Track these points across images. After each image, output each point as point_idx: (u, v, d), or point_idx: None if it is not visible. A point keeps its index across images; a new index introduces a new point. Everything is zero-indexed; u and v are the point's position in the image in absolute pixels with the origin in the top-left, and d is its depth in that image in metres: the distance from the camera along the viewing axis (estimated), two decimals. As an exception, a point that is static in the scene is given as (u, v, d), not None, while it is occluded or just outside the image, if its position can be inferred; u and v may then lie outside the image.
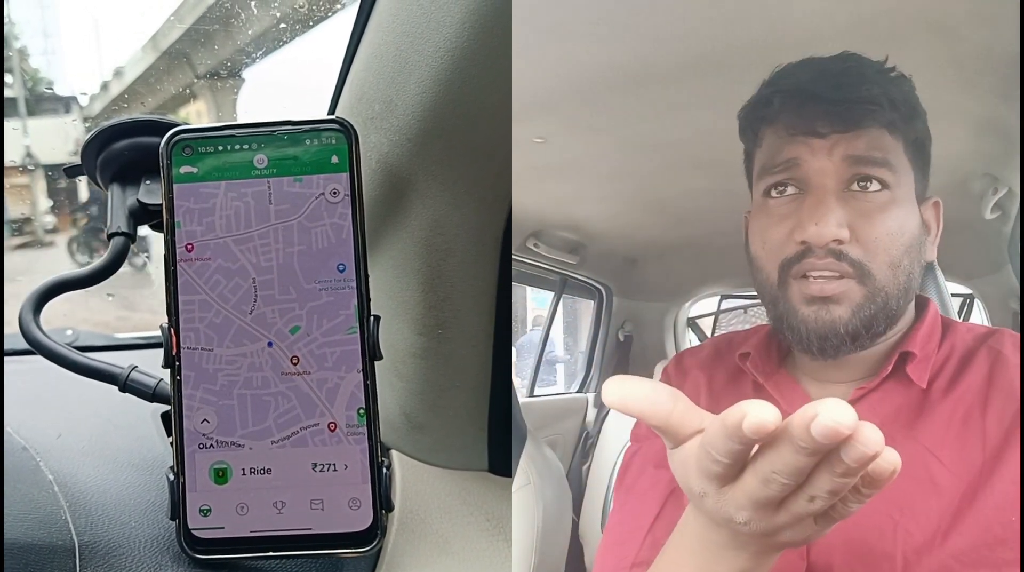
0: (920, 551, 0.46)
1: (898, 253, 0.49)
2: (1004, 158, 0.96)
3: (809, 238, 0.49)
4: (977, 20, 0.67)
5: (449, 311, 0.55)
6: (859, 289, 0.49)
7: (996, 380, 0.49)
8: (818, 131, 0.50)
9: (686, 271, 1.64)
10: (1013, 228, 1.08)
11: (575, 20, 0.69)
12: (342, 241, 0.47)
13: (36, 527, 0.49)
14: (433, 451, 0.60)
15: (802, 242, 0.49)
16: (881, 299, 0.49)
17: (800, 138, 0.50)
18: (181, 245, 0.47)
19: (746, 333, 0.61)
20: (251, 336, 0.47)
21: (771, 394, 0.54)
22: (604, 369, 1.79)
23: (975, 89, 0.79)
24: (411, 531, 0.54)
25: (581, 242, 1.48)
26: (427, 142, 0.51)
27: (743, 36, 0.69)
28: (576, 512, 1.35)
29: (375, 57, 0.53)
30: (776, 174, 0.51)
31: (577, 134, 0.96)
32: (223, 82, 1.93)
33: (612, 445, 1.40)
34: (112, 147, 0.54)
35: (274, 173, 0.47)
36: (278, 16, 1.09)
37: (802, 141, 0.50)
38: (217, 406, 0.47)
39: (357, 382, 0.47)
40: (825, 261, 0.49)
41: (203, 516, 0.46)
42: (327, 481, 0.47)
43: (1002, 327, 0.53)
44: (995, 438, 0.47)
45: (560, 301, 1.70)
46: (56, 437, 0.60)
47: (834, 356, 0.50)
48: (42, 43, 5.29)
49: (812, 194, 0.50)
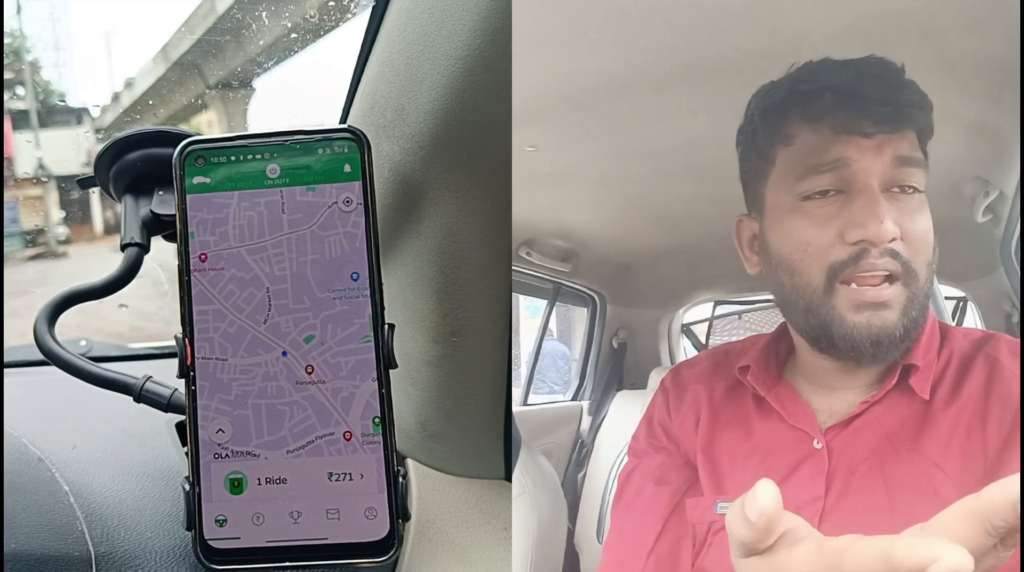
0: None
1: (931, 253, 0.50)
2: (995, 161, 0.97)
3: (869, 237, 0.48)
4: (967, 25, 0.68)
5: (464, 318, 0.55)
6: (904, 291, 0.49)
7: (994, 388, 0.49)
8: (865, 131, 0.49)
9: (679, 277, 1.63)
10: (1006, 231, 1.09)
11: (566, 29, 0.69)
12: (355, 250, 0.47)
13: (52, 538, 0.49)
14: (449, 460, 0.60)
15: (857, 242, 0.48)
16: (922, 298, 0.49)
17: (847, 137, 0.49)
18: (195, 255, 0.47)
19: (743, 344, 0.60)
20: (265, 346, 0.47)
21: (772, 406, 0.54)
22: (598, 377, 1.78)
23: (966, 93, 0.79)
24: (428, 540, 0.54)
25: (574, 250, 1.48)
26: (439, 149, 0.51)
27: (734, 44, 0.69)
28: (572, 521, 1.35)
29: (387, 65, 0.53)
30: (822, 174, 0.50)
31: (569, 142, 0.96)
32: (234, 92, 1.93)
33: (607, 454, 1.41)
34: (125, 158, 0.54)
35: (287, 183, 0.47)
36: (289, 26, 1.10)
37: (850, 140, 0.49)
38: (232, 416, 0.47)
39: (372, 391, 0.47)
40: (883, 261, 0.48)
41: (219, 526, 0.46)
42: (343, 490, 0.46)
43: (997, 332, 0.53)
44: (995, 447, 0.47)
45: (553, 309, 1.70)
46: (71, 448, 0.60)
47: (884, 361, 0.50)
48: (54, 56, 5.34)
49: (861, 194, 0.49)
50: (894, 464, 0.48)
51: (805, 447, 0.51)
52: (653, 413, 0.62)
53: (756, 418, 0.55)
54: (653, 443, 0.60)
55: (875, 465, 0.49)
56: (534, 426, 1.59)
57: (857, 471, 0.49)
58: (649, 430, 0.61)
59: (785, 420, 0.53)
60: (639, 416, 0.64)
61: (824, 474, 0.50)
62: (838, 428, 0.51)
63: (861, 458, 0.50)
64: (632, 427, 0.63)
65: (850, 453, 0.50)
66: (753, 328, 1.66)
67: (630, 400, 1.47)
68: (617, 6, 0.66)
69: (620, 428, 1.42)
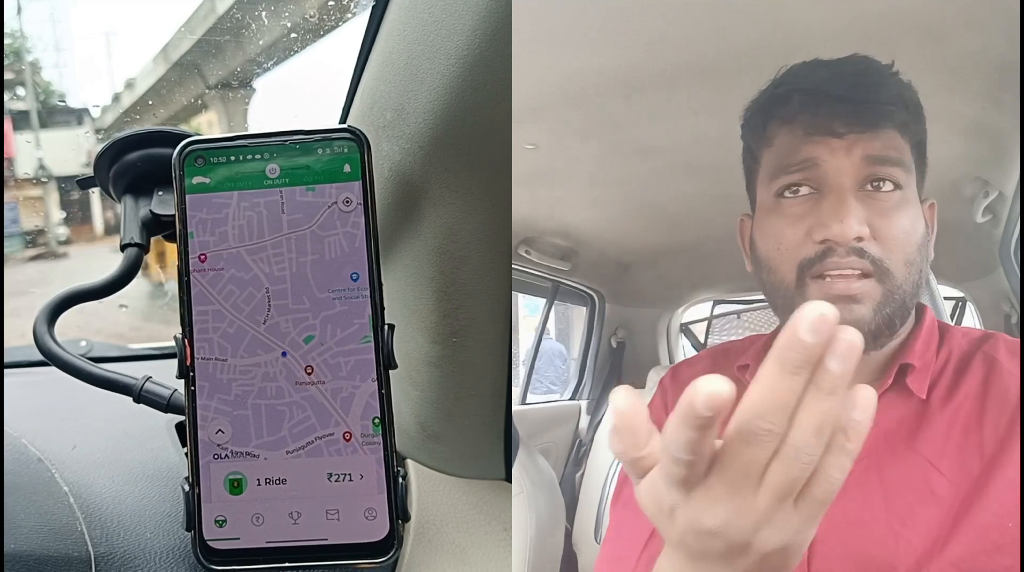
0: (920, 561, 0.46)
1: (912, 251, 0.50)
2: (995, 162, 0.97)
3: (832, 236, 0.49)
4: (968, 24, 0.68)
5: (464, 319, 0.55)
6: (879, 287, 0.49)
7: (991, 387, 0.49)
8: (836, 131, 0.50)
9: (679, 276, 1.63)
10: (1006, 232, 1.09)
11: (566, 26, 0.69)
12: (355, 250, 0.47)
13: (52, 539, 0.49)
14: (449, 460, 0.60)
15: (823, 241, 0.49)
16: (899, 297, 0.49)
17: (818, 138, 0.50)
18: (194, 255, 0.47)
19: (742, 343, 0.61)
20: (265, 346, 0.47)
21: None
22: (597, 376, 1.78)
23: (966, 93, 0.79)
24: (428, 541, 0.54)
25: (573, 248, 1.48)
26: (439, 149, 0.51)
27: (735, 42, 0.70)
28: (569, 520, 1.35)
29: (386, 65, 0.53)
30: (793, 174, 0.51)
31: (568, 140, 0.96)
32: (234, 92, 1.93)
33: (605, 453, 1.40)
34: (125, 159, 0.54)
35: (286, 183, 0.47)
36: (288, 26, 1.10)
37: (820, 141, 0.50)
38: (232, 416, 0.47)
39: (372, 391, 0.47)
40: (848, 259, 0.49)
41: (218, 527, 0.46)
42: (343, 491, 0.46)
43: (995, 331, 0.54)
44: (992, 446, 0.47)
45: (552, 308, 1.70)
46: (71, 448, 0.60)
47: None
48: (54, 56, 5.34)
49: (831, 193, 0.50)
50: (891, 463, 0.49)
51: None
52: (651, 412, 0.62)
53: None
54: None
55: (872, 464, 0.49)
56: (532, 425, 1.58)
57: (854, 470, 0.49)
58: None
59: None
60: (638, 415, 0.64)
61: None
62: None
63: (858, 457, 0.50)
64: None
65: None
66: (752, 327, 1.65)
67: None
68: (617, 4, 0.66)
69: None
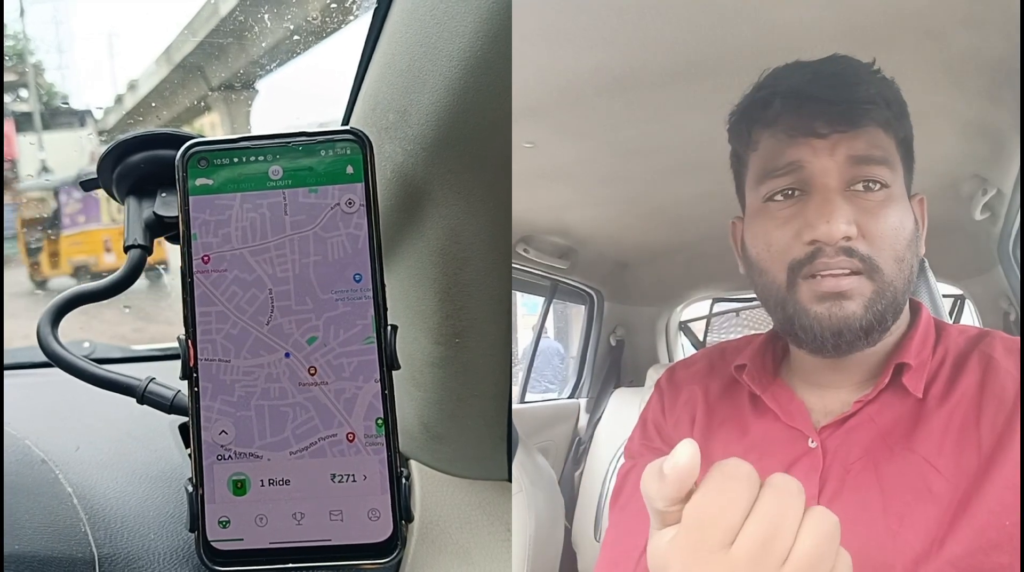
0: (918, 560, 0.46)
1: (901, 248, 0.50)
2: (993, 160, 0.97)
3: (820, 237, 0.49)
4: (966, 24, 0.68)
5: (466, 320, 0.55)
6: (869, 284, 0.49)
7: (988, 386, 0.49)
8: (819, 132, 0.50)
9: (677, 275, 1.64)
10: (1004, 229, 1.09)
11: (565, 25, 0.69)
12: (358, 251, 0.47)
13: (55, 540, 0.49)
14: (452, 461, 0.60)
15: (811, 242, 0.50)
16: (890, 293, 0.50)
17: (801, 140, 0.50)
18: (197, 257, 0.47)
19: (739, 343, 0.61)
20: (268, 347, 0.47)
21: (768, 405, 0.54)
22: (596, 374, 1.78)
23: (964, 91, 0.79)
24: (431, 542, 0.54)
25: (572, 247, 1.48)
26: (442, 151, 0.51)
27: (732, 41, 0.70)
28: (569, 519, 1.35)
29: (389, 67, 0.53)
30: (778, 177, 0.51)
31: (567, 139, 0.96)
32: (237, 94, 1.94)
33: (604, 451, 1.40)
34: (128, 160, 0.54)
35: (289, 184, 0.47)
36: (291, 28, 1.10)
37: (803, 142, 0.50)
38: (235, 417, 0.47)
39: (375, 392, 0.47)
40: (837, 259, 0.49)
41: (222, 528, 0.46)
42: (346, 492, 0.46)
43: (992, 329, 0.54)
44: (989, 445, 0.47)
45: (551, 306, 1.70)
46: (75, 450, 0.60)
47: (848, 352, 0.50)
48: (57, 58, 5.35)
49: (817, 194, 0.50)
50: (888, 463, 0.49)
51: (800, 446, 0.52)
52: (648, 414, 0.63)
53: (751, 417, 0.55)
54: (647, 444, 0.61)
55: (869, 464, 0.49)
56: (531, 423, 1.58)
57: (851, 470, 0.50)
58: (644, 431, 0.62)
59: (780, 419, 0.53)
60: (637, 413, 0.64)
61: (819, 473, 0.50)
62: (832, 427, 0.51)
63: (855, 457, 0.50)
64: (630, 425, 0.63)
65: (844, 452, 0.50)
66: (751, 325, 1.66)
67: (628, 397, 1.47)
68: (616, 4, 0.66)
69: (617, 426, 1.41)
